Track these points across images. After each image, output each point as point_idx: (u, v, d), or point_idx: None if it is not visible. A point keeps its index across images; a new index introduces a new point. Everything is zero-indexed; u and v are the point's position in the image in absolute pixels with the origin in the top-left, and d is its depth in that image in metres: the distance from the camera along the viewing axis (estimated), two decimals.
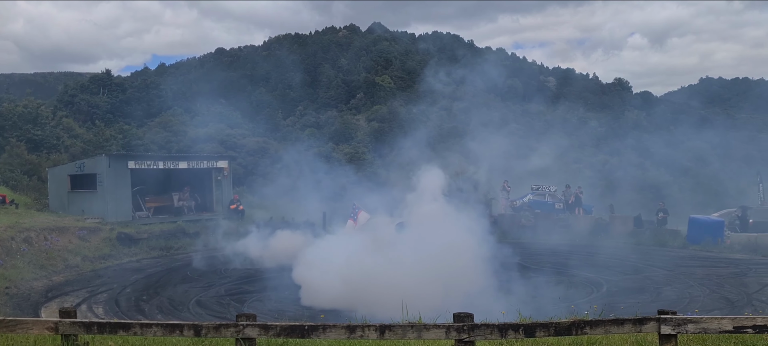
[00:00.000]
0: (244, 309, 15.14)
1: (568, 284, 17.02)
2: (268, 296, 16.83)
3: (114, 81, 74.73)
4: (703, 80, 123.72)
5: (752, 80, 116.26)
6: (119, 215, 26.90)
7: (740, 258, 21.19)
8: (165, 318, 14.43)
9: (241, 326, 5.86)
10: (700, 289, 16.41)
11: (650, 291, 16.50)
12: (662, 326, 5.60)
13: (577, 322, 5.81)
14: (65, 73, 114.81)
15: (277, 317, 14.28)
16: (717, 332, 5.69)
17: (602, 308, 13.14)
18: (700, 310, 13.70)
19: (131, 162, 28.30)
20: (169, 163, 30.13)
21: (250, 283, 18.69)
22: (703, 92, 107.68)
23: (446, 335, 5.73)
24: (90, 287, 18.15)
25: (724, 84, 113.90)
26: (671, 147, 60.34)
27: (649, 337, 7.15)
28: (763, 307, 14.32)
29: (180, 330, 6.06)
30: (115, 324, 6.29)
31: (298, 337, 5.91)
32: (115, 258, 22.80)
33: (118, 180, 27.40)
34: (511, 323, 5.85)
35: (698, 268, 19.64)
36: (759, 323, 5.57)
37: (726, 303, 14.87)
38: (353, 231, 21.40)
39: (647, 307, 13.68)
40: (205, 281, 18.94)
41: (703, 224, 24.55)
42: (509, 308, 10.56)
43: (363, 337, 5.75)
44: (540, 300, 13.88)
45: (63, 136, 50.01)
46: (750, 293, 15.83)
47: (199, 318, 14.43)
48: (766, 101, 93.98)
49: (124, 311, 15.44)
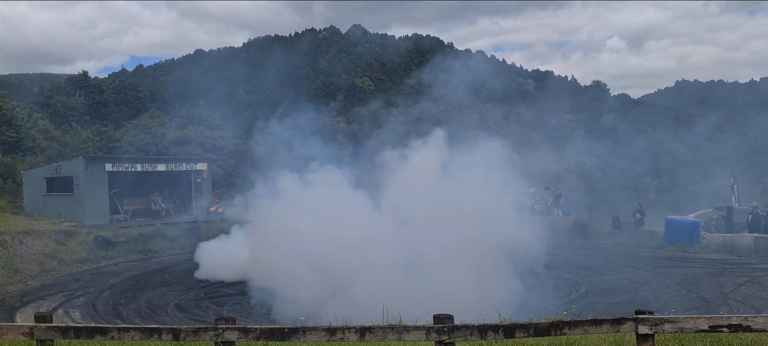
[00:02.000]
0: (224, 312, 15.06)
1: (548, 285, 17.13)
2: (247, 299, 16.73)
3: (91, 82, 73.93)
4: (679, 83, 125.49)
5: (727, 83, 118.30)
6: (96, 218, 26.62)
7: (716, 258, 21.49)
8: (143, 322, 14.30)
9: (221, 329, 5.82)
10: (677, 289, 16.61)
11: (628, 291, 16.68)
12: (639, 326, 5.66)
13: (556, 322, 5.85)
14: (41, 74, 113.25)
15: (257, 319, 14.22)
16: (693, 331, 5.77)
17: (581, 309, 13.28)
18: (677, 309, 13.88)
19: (108, 164, 28.04)
20: (147, 165, 29.89)
21: (229, 286, 18.56)
22: (679, 95, 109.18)
23: (426, 337, 5.74)
24: (67, 292, 17.92)
25: (700, 86, 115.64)
26: (648, 149, 61.15)
27: (627, 337, 7.24)
28: (738, 306, 14.54)
29: (158, 334, 6.00)
30: (92, 329, 6.21)
31: (278, 340, 5.88)
32: (93, 262, 22.55)
33: (95, 183, 27.12)
34: (491, 324, 5.88)
35: (675, 268, 19.89)
36: (734, 322, 5.65)
37: (702, 303, 15.08)
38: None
39: (625, 307, 13.83)
40: (183, 284, 18.79)
41: (679, 225, 24.88)
42: (489, 309, 10.60)
43: (343, 339, 5.74)
44: (519, 301, 13.95)
45: (39, 138, 49.30)
46: (725, 292, 16.06)
47: (178, 322, 14.31)
48: (741, 104, 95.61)
49: (102, 316, 15.27)
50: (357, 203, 16.78)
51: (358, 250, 14.43)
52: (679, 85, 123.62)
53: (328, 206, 16.14)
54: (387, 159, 17.94)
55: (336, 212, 15.81)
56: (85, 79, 73.44)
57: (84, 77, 73.58)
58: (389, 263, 14.40)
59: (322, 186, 17.27)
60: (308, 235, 15.12)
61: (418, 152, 17.62)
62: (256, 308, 15.70)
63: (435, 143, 17.69)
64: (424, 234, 15.06)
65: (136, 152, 47.60)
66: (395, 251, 14.78)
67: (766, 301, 15.07)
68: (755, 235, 22.53)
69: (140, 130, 55.75)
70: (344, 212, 15.86)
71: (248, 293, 17.34)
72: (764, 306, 14.60)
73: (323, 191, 16.96)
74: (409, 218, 16.04)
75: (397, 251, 14.83)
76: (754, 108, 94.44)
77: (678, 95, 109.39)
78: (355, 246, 14.51)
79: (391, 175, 17.61)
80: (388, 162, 17.83)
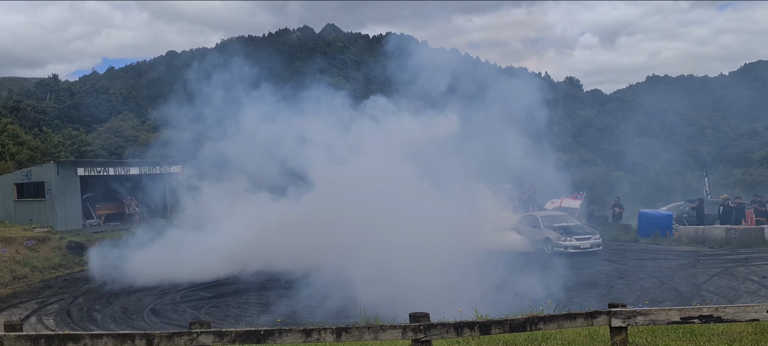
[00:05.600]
0: (201, 316, 14.91)
1: (522, 281, 17.23)
2: (225, 302, 16.62)
3: (62, 86, 72.84)
4: (650, 78, 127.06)
5: (696, 78, 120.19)
6: (69, 224, 26.23)
7: (688, 250, 21.85)
8: (118, 328, 14.11)
9: (195, 333, 5.76)
10: (650, 281, 16.85)
11: (603, 285, 16.88)
12: (613, 319, 5.72)
13: (531, 318, 5.90)
14: (10, 78, 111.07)
15: (234, 323, 14.13)
16: (665, 323, 5.85)
17: (557, 303, 13.38)
18: (650, 302, 14.07)
19: (81, 169, 27.64)
20: (120, 169, 29.52)
21: (206, 289, 18.41)
22: (651, 90, 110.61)
23: (403, 336, 5.74)
24: (40, 299, 17.61)
25: (670, 82, 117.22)
26: (620, 144, 61.92)
27: (601, 330, 7.31)
28: (710, 297, 14.79)
29: (132, 340, 5.92)
30: (64, 336, 6.11)
31: (253, 342, 5.84)
32: (66, 268, 22.21)
33: (68, 188, 26.71)
34: (467, 322, 5.90)
35: (649, 260, 20.17)
36: (705, 313, 5.74)
37: (675, 294, 15.31)
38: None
39: (600, 300, 14.00)
40: (159, 288, 18.57)
41: (652, 218, 25.25)
42: (465, 306, 10.64)
43: (319, 340, 5.72)
44: (495, 297, 14.03)
45: (8, 143, 48.45)
46: (698, 283, 16.33)
47: (154, 327, 14.15)
48: (710, 99, 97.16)
49: (77, 322, 15.04)
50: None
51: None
52: (650, 80, 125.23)
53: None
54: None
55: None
56: (55, 82, 72.35)
57: (54, 80, 72.50)
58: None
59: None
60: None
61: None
62: (234, 310, 15.62)
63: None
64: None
65: (109, 156, 46.98)
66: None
67: (738, 291, 15.35)
68: (726, 226, 22.95)
69: (113, 134, 55.09)
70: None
71: (225, 296, 17.26)
72: (736, 296, 14.87)
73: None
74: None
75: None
76: (724, 102, 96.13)
77: (649, 90, 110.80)
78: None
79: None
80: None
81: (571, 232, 22.37)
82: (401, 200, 16.18)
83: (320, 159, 19.24)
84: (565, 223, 23.35)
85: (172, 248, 20.32)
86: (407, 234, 15.12)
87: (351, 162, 18.45)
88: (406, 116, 19.68)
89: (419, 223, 15.49)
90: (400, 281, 13.94)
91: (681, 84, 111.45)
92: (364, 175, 17.25)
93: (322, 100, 21.86)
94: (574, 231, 22.46)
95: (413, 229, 15.24)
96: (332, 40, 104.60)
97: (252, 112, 21.60)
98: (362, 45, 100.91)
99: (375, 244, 15.45)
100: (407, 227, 15.32)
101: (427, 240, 15.04)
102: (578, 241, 21.90)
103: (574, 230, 22.65)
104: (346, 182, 17.62)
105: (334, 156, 19.23)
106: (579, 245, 21.79)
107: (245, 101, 22.17)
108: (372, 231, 15.71)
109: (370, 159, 17.82)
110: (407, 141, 18.39)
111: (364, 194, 16.64)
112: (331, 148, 19.48)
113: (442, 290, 13.63)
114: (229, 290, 18.10)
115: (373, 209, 16.11)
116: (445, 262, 14.75)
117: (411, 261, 14.54)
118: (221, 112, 22.19)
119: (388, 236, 15.27)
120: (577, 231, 22.52)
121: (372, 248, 15.40)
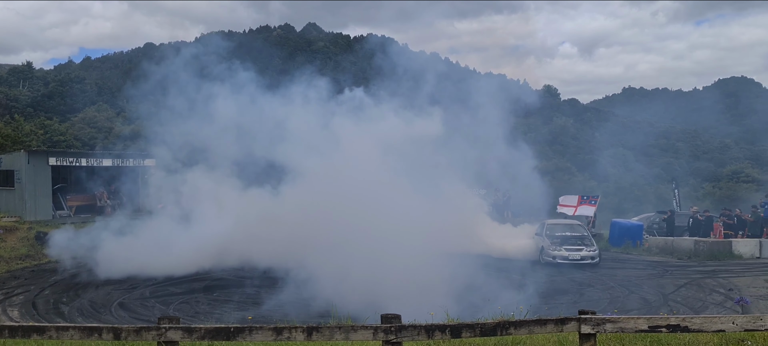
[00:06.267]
0: (170, 312, 14.74)
1: (496, 286, 17.34)
2: (195, 299, 16.45)
3: (36, 74, 71.65)
4: (626, 90, 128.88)
5: (671, 91, 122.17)
6: (38, 214, 25.78)
7: (658, 260, 22.16)
8: (85, 321, 13.89)
9: (164, 329, 5.69)
10: (620, 290, 17.05)
11: (574, 292, 17.03)
12: (582, 326, 5.78)
13: (502, 322, 5.92)
14: None
15: (204, 319, 13.99)
16: (633, 331, 5.92)
17: (528, 309, 13.48)
18: (619, 310, 14.24)
19: (52, 159, 27.18)
20: (92, 160, 29.07)
21: (177, 285, 18.21)
22: (626, 101, 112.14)
23: (374, 336, 5.73)
24: (5, 289, 17.29)
25: (645, 94, 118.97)
26: (595, 153, 62.63)
27: (570, 336, 7.38)
28: (678, 307, 15.01)
29: (99, 333, 5.83)
30: (29, 328, 5.99)
31: (223, 339, 5.78)
32: (34, 259, 21.82)
33: (38, 177, 26.25)
34: (438, 324, 5.91)
35: (619, 269, 20.40)
36: (672, 322, 5.82)
37: (644, 303, 15.51)
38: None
39: (570, 307, 14.13)
40: (129, 282, 18.32)
41: (623, 228, 25.59)
42: (437, 309, 10.67)
43: (290, 339, 5.69)
44: (467, 301, 14.10)
45: None
46: (666, 293, 16.57)
47: (122, 321, 13.97)
48: (684, 112, 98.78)
49: (42, 314, 14.78)
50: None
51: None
52: (625, 91, 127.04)
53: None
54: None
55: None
56: (29, 70, 71.14)
57: (28, 68, 71.28)
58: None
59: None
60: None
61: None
62: (203, 306, 15.47)
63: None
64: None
65: (82, 147, 46.28)
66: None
67: (704, 302, 15.60)
68: (695, 239, 23.32)
69: (87, 124, 54.28)
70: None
71: (196, 292, 17.09)
72: (703, 307, 15.12)
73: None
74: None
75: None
76: (696, 116, 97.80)
77: (625, 102, 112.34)
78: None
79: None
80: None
81: (566, 242, 21.36)
82: (380, 195, 16.19)
83: (298, 151, 19.17)
84: (571, 232, 22.22)
85: (140, 242, 20.11)
86: (381, 232, 15.12)
87: (329, 155, 18.39)
88: (386, 111, 19.62)
89: (396, 222, 15.50)
90: (373, 281, 13.94)
91: (656, 97, 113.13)
92: (343, 169, 17.24)
93: (300, 91, 21.74)
94: (569, 241, 21.39)
95: (389, 227, 15.25)
96: (313, 39, 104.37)
97: (230, 102, 21.43)
98: (343, 45, 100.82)
99: (349, 242, 15.45)
100: (383, 226, 15.32)
101: (402, 240, 15.06)
102: (568, 252, 20.91)
103: (570, 240, 21.55)
104: (326, 175, 17.59)
105: (313, 149, 19.16)
106: (568, 255, 20.81)
107: (222, 91, 21.97)
108: (348, 228, 15.71)
109: (348, 152, 17.79)
110: (388, 136, 18.34)
111: (344, 189, 16.63)
112: (309, 141, 19.40)
113: (418, 291, 13.66)
114: (199, 286, 17.92)
115: (353, 204, 16.11)
116: (419, 263, 14.78)
117: (384, 261, 14.56)
118: (197, 102, 21.97)
119: (361, 234, 15.28)
120: (573, 242, 21.40)
121: (344, 248, 15.40)
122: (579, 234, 22.34)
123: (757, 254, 21.82)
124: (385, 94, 20.77)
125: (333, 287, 14.42)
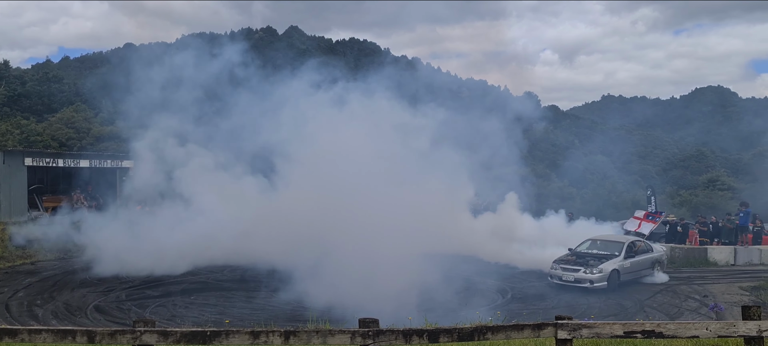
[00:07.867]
0: (146, 315, 14.58)
1: (475, 291, 17.39)
2: (173, 302, 16.29)
3: (12, 72, 70.52)
4: (605, 97, 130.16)
5: (649, 99, 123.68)
6: (13, 215, 25.40)
7: None
8: (60, 324, 13.69)
9: (139, 332, 5.62)
10: (597, 296, 17.18)
11: (551, 298, 17.13)
12: (559, 331, 5.82)
13: (480, 327, 5.95)
14: None
15: (180, 323, 13.87)
16: (609, 336, 5.98)
17: (505, 314, 13.56)
18: (595, 316, 14.37)
19: (28, 159, 26.82)
20: (69, 161, 28.72)
21: (154, 288, 18.01)
22: (605, 109, 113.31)
23: (351, 341, 5.72)
24: None
25: (624, 102, 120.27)
26: (574, 160, 63.18)
27: (547, 341, 7.42)
28: (653, 313, 15.19)
29: (72, 336, 5.75)
30: (1, 331, 5.90)
31: (199, 343, 5.73)
32: (8, 260, 21.47)
33: (13, 177, 25.87)
34: (416, 329, 5.92)
35: None
36: (647, 328, 5.89)
37: (620, 309, 15.66)
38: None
39: (548, 313, 14.21)
40: (105, 285, 18.09)
41: None
42: (416, 315, 10.71)
43: (267, 343, 5.65)
44: (445, 307, 14.14)
45: None
46: (642, 300, 16.74)
47: (97, 324, 13.78)
48: (662, 120, 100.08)
49: (16, 317, 14.54)
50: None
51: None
52: (604, 99, 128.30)
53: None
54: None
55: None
56: (5, 68, 69.99)
57: (5, 66, 70.12)
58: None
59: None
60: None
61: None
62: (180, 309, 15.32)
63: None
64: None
65: (60, 147, 45.70)
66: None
67: (680, 308, 15.80)
68: (671, 245, 23.58)
69: (64, 125, 53.60)
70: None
71: (173, 295, 16.93)
72: (678, 313, 15.30)
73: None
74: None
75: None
76: (672, 124, 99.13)
77: (603, 109, 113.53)
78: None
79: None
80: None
81: (568, 261, 18.74)
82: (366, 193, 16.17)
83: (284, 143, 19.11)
84: (597, 250, 19.23)
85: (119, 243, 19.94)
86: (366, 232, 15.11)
87: (316, 146, 18.30)
88: (377, 99, 19.54)
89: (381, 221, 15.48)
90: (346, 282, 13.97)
91: (634, 105, 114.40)
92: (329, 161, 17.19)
93: (283, 80, 21.67)
94: (571, 261, 18.68)
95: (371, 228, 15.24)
96: (295, 42, 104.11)
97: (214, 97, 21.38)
98: (325, 48, 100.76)
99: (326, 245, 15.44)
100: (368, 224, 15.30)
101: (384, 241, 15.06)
102: (563, 271, 18.36)
103: (574, 261, 18.69)
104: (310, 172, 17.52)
105: (299, 140, 19.08)
106: (562, 275, 18.30)
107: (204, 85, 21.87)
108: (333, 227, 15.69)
109: (336, 143, 17.73)
110: (378, 123, 18.29)
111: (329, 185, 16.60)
112: (295, 131, 19.30)
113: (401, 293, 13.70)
114: (177, 289, 17.75)
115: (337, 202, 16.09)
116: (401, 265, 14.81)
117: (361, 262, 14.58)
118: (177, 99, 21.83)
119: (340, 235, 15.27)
120: (577, 262, 18.51)
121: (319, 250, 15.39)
122: (604, 253, 19.04)
123: (732, 262, 22.14)
124: (376, 85, 20.68)
125: (322, 290, 14.42)
